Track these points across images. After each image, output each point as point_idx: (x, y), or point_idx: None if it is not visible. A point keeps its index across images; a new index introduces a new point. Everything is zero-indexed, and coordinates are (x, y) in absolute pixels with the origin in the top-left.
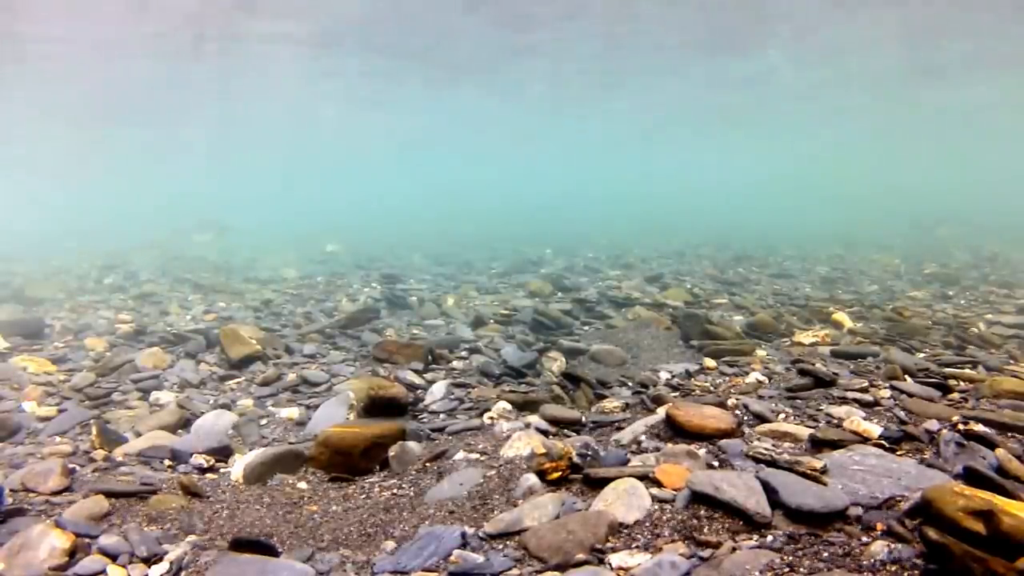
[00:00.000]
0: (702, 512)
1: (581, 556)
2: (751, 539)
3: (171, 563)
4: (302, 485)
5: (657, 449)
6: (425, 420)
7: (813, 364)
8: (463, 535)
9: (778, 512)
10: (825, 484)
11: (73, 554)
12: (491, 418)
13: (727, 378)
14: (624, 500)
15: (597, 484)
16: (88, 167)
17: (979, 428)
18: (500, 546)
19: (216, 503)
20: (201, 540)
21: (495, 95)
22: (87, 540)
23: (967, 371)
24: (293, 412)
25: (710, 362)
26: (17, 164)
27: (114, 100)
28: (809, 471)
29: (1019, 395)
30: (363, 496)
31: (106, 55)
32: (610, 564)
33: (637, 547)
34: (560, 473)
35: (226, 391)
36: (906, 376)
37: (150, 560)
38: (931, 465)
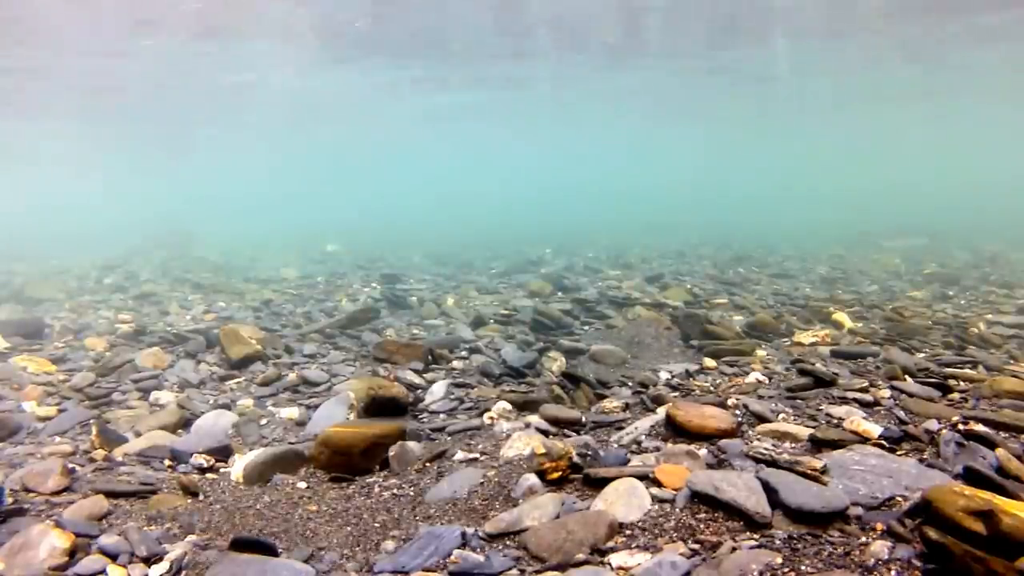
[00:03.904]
0: (702, 512)
1: (581, 556)
2: (751, 539)
3: (171, 563)
4: (302, 485)
5: (657, 449)
6: (425, 420)
7: (813, 364)
8: (463, 535)
9: (778, 512)
10: (825, 484)
11: (73, 554)
12: (491, 418)
13: (727, 378)
14: (624, 500)
15: (597, 484)
16: (84, 170)
17: (979, 428)
18: (500, 546)
19: (216, 503)
20: (201, 540)
21: (495, 93)
22: (87, 540)
23: (967, 371)
24: (293, 412)
25: (710, 362)
26: (16, 164)
27: (111, 100)
28: (809, 471)
29: (1019, 395)
30: (363, 496)
31: (105, 53)
32: (610, 564)
33: (637, 547)
34: (560, 473)
35: (226, 391)
36: (906, 376)
37: (150, 560)
38: (931, 465)
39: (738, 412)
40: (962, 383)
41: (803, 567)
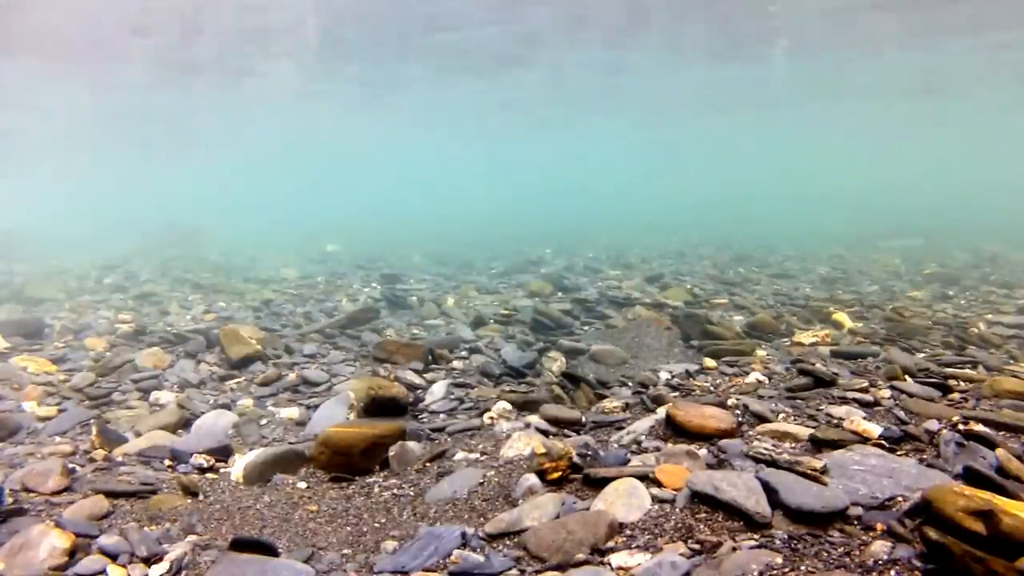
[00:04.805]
0: (702, 512)
1: (581, 556)
2: (751, 539)
3: (171, 563)
4: (302, 485)
5: (657, 449)
6: (425, 420)
7: (813, 364)
8: (463, 535)
9: (778, 512)
10: (825, 484)
11: (73, 554)
12: (491, 418)
13: (727, 378)
14: (624, 500)
15: (597, 484)
16: (85, 170)
17: (979, 428)
18: (500, 546)
19: (216, 503)
20: (201, 540)
21: (494, 94)
22: (87, 540)
23: (967, 371)
24: (293, 412)
25: (710, 362)
26: (18, 165)
27: (112, 102)
28: (809, 471)
29: (1019, 395)
30: (363, 496)
31: (106, 59)
32: (610, 564)
33: (637, 547)
34: (560, 473)
35: (226, 391)
36: (906, 376)
37: (150, 560)
38: (931, 465)
39: (738, 412)
40: (962, 383)
41: (803, 567)
